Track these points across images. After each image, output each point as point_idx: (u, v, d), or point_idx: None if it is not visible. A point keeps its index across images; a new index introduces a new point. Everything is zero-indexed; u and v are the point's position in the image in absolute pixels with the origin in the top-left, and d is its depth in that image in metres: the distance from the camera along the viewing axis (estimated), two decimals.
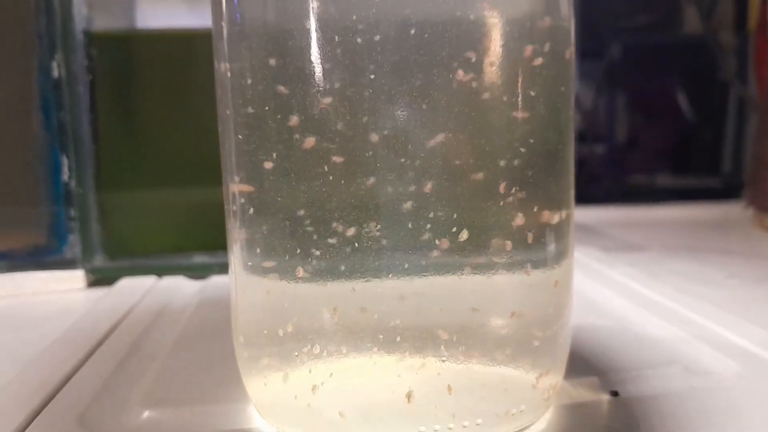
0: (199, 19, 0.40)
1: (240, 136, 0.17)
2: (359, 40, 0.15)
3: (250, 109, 0.17)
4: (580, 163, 0.70)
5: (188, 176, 0.34)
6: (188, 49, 0.34)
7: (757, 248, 0.41)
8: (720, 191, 0.78)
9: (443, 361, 0.16)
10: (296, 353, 0.17)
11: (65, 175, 0.33)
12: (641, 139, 0.92)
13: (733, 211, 0.52)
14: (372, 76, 0.15)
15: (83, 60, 0.32)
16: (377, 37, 0.15)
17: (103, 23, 0.34)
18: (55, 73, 0.32)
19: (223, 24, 0.18)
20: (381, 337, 0.16)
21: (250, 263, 0.17)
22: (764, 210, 0.46)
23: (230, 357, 0.19)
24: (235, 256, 0.18)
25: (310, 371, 0.16)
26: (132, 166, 0.34)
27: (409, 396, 0.16)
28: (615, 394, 0.20)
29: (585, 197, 0.76)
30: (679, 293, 0.29)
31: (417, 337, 0.16)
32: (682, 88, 0.84)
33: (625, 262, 0.35)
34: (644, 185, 0.84)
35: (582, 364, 0.22)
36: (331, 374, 0.16)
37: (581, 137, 0.72)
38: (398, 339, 0.16)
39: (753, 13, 0.68)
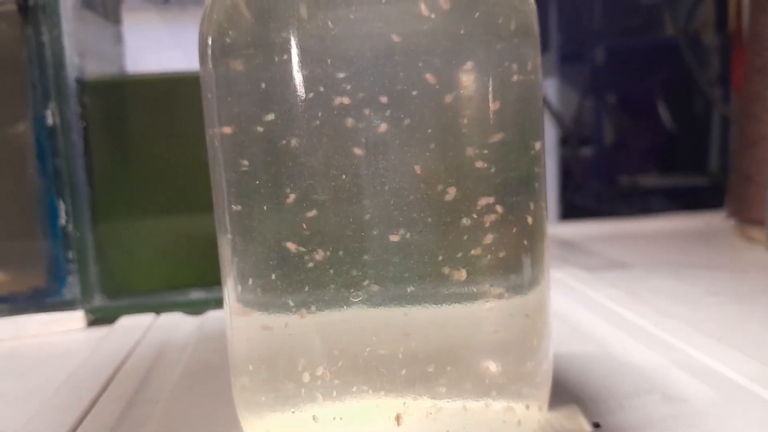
0: (187, 58, 0.41)
1: (231, 192, 0.18)
2: (345, 102, 0.16)
3: (239, 168, 0.18)
4: (567, 167, 0.71)
5: (181, 215, 0.35)
6: (177, 93, 0.35)
7: (739, 260, 0.42)
8: (707, 189, 0.80)
9: (429, 398, 0.17)
10: (290, 391, 0.18)
11: (62, 219, 0.34)
12: (627, 141, 0.94)
13: (716, 220, 0.53)
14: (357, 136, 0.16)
15: (76, 108, 0.33)
16: (361, 95, 0.16)
17: (94, 68, 0.35)
18: (50, 121, 0.33)
19: (210, 96, 0.19)
20: (373, 372, 0.17)
21: (242, 301, 0.19)
22: (746, 221, 0.47)
23: (230, 398, 0.20)
24: (229, 294, 0.19)
25: (304, 410, 0.17)
26: (126, 208, 0.35)
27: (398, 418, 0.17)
28: (597, 425, 0.21)
29: (573, 201, 0.78)
30: (659, 315, 0.31)
31: (404, 371, 0.17)
32: (667, 89, 0.86)
33: (608, 282, 0.36)
34: (631, 186, 0.85)
35: (564, 393, 0.23)
36: (330, 413, 0.17)
37: (566, 141, 0.73)
38: (385, 372, 0.17)
39: (732, 15, 0.70)
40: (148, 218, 0.35)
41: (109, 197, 0.34)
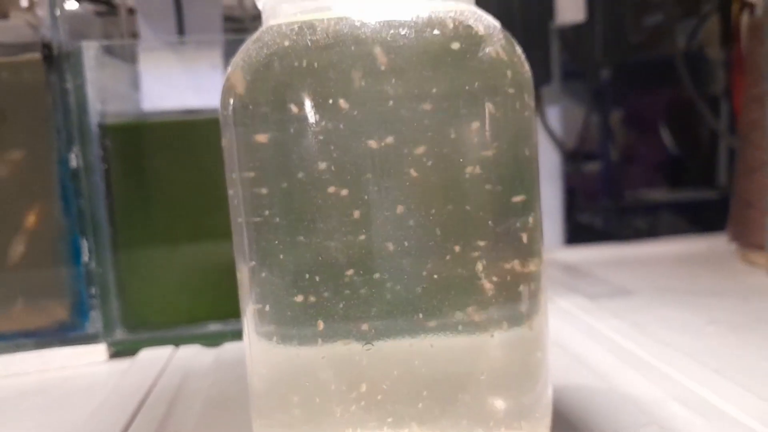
0: (201, 97, 0.43)
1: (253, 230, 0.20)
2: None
3: (261, 211, 0.19)
4: (572, 188, 0.72)
5: (198, 252, 0.37)
6: (192, 134, 0.37)
7: (740, 286, 0.43)
8: (716, 203, 0.81)
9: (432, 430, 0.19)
10: (307, 421, 0.19)
11: (85, 257, 0.36)
12: (635, 155, 0.95)
13: (719, 244, 0.54)
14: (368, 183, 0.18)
15: (98, 150, 0.35)
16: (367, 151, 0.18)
17: (113, 108, 0.37)
18: (73, 164, 0.35)
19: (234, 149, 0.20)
20: (380, 404, 0.18)
21: (261, 333, 0.20)
22: (747, 246, 0.48)
23: (249, 429, 0.22)
24: (249, 325, 0.21)
25: None
26: (146, 245, 0.36)
27: None
28: None
29: (579, 221, 0.78)
30: (659, 346, 0.32)
31: (407, 404, 0.19)
32: (674, 102, 0.87)
33: (611, 311, 0.37)
34: (638, 203, 0.86)
35: (564, 425, 0.24)
36: None
37: (573, 156, 0.74)
38: (390, 405, 0.19)
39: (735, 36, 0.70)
40: (166, 255, 0.37)
41: (129, 235, 0.36)
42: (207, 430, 0.27)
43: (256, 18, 0.57)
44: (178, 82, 0.42)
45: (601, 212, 0.84)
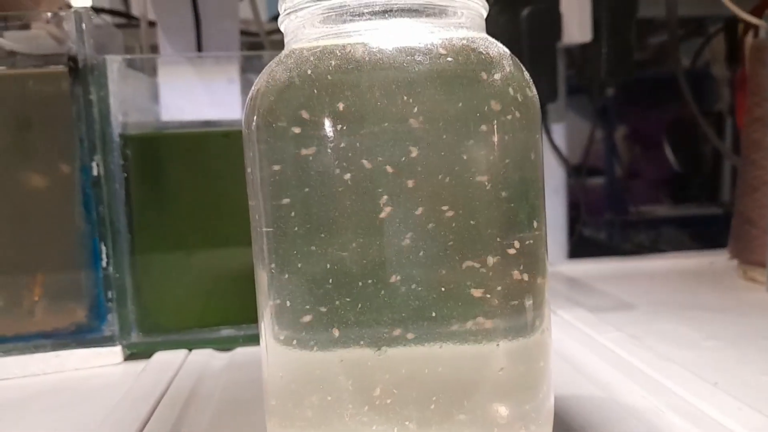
0: (217, 109, 0.44)
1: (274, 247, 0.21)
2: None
3: (280, 222, 0.21)
4: (577, 196, 0.73)
5: (213, 259, 0.38)
6: (209, 145, 0.38)
7: (740, 302, 0.44)
8: (720, 219, 0.82)
9: None
10: (320, 423, 0.20)
11: (104, 262, 0.37)
12: (639, 173, 0.96)
13: (721, 260, 0.55)
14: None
15: (119, 160, 0.36)
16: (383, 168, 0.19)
17: (133, 119, 0.39)
18: (95, 172, 0.36)
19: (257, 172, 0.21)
20: (386, 408, 0.20)
21: (279, 337, 0.21)
22: (748, 263, 0.49)
23: (262, 430, 0.23)
24: (266, 329, 0.22)
25: None
26: (162, 252, 0.38)
27: None
28: None
29: (583, 235, 0.79)
30: (659, 359, 0.33)
31: (415, 408, 0.20)
32: (679, 120, 0.88)
33: (612, 324, 0.38)
34: (644, 216, 0.87)
35: None
36: None
37: (577, 172, 0.75)
38: (398, 408, 0.20)
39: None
40: (182, 261, 0.38)
41: (147, 242, 0.37)
42: (222, 429, 0.28)
43: (271, 33, 0.58)
44: (196, 96, 0.44)
45: (605, 227, 0.85)
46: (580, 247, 0.67)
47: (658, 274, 0.53)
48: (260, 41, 0.57)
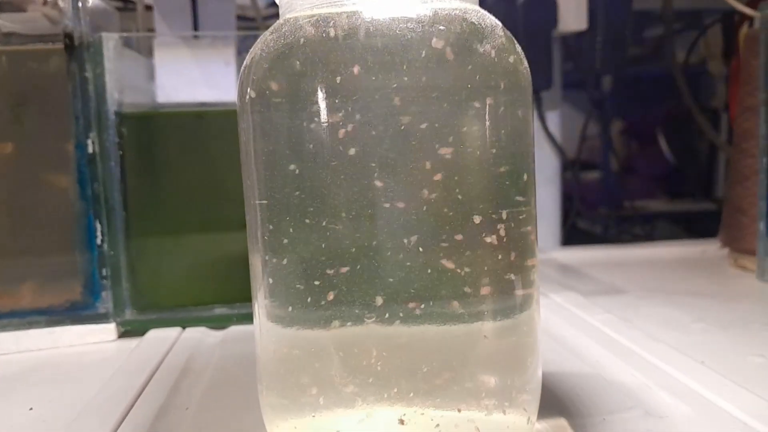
0: (213, 91, 0.44)
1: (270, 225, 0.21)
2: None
3: (273, 194, 0.21)
4: (570, 194, 0.73)
5: (207, 237, 0.38)
6: (205, 124, 0.38)
7: (730, 289, 0.45)
8: (713, 214, 0.82)
9: (428, 408, 0.20)
10: (311, 397, 0.20)
11: (99, 239, 0.37)
12: (634, 167, 0.96)
13: (712, 249, 0.55)
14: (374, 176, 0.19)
15: (114, 137, 0.37)
16: (376, 138, 0.19)
17: (129, 100, 0.39)
18: (90, 150, 0.36)
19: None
20: (381, 382, 0.20)
21: (273, 315, 0.21)
22: (738, 251, 0.49)
23: (253, 405, 0.23)
24: (260, 308, 0.22)
25: (326, 420, 0.20)
26: (157, 229, 0.38)
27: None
28: None
29: (576, 226, 0.80)
30: (647, 339, 0.33)
31: (406, 382, 0.20)
32: (673, 116, 0.88)
33: (603, 308, 0.39)
34: (636, 212, 0.88)
35: (554, 408, 0.26)
36: (346, 419, 0.20)
37: (572, 165, 0.76)
38: (390, 383, 0.20)
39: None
40: (176, 239, 0.38)
41: (142, 219, 0.38)
42: (213, 403, 0.28)
43: (268, 18, 0.59)
44: (192, 78, 0.44)
45: (599, 221, 0.86)
46: (572, 240, 0.67)
47: (650, 262, 0.54)
48: (257, 26, 0.57)
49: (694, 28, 0.79)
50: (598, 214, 0.86)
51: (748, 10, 0.49)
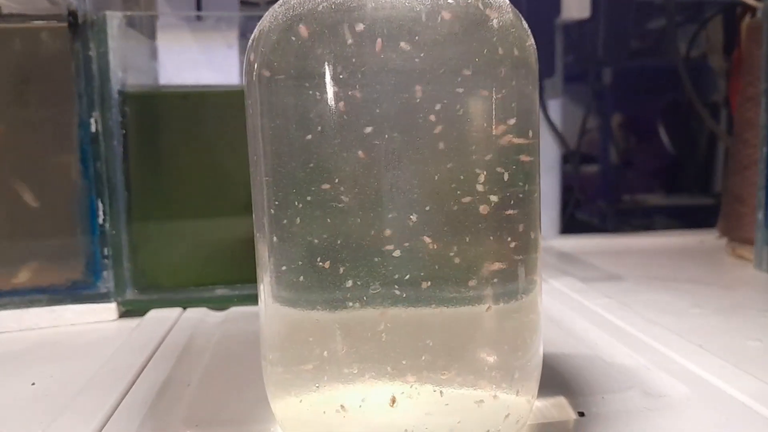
0: (216, 74, 0.44)
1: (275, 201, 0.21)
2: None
3: (280, 169, 0.21)
4: (570, 185, 0.73)
5: (209, 218, 0.38)
6: (208, 105, 0.38)
7: (727, 277, 0.45)
8: (713, 208, 0.82)
9: (431, 385, 0.20)
10: (319, 375, 0.20)
11: (100, 218, 0.37)
12: (633, 160, 0.97)
13: (710, 238, 0.55)
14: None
15: (118, 116, 0.37)
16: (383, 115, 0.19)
17: (133, 81, 0.39)
18: (93, 129, 0.36)
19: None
20: (383, 358, 0.20)
21: (278, 294, 0.21)
22: (736, 240, 0.50)
23: (255, 382, 0.23)
24: (265, 285, 0.22)
25: (329, 394, 0.20)
26: (159, 209, 0.38)
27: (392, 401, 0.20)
28: (581, 414, 0.24)
29: (575, 218, 0.80)
30: (646, 323, 0.33)
31: (408, 360, 0.20)
32: (673, 110, 0.89)
33: (602, 293, 0.39)
34: (635, 205, 0.88)
35: (554, 387, 0.26)
36: (346, 394, 0.20)
37: (572, 156, 0.76)
38: (392, 360, 0.20)
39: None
40: (178, 220, 0.38)
41: (144, 199, 0.38)
42: (214, 380, 0.28)
43: (271, 2, 0.58)
44: (194, 60, 0.44)
45: (598, 214, 0.86)
46: (572, 230, 0.67)
47: (648, 251, 0.54)
48: (260, 12, 0.57)
49: (696, 21, 0.79)
50: (597, 207, 0.86)
51: (751, 1, 0.49)
